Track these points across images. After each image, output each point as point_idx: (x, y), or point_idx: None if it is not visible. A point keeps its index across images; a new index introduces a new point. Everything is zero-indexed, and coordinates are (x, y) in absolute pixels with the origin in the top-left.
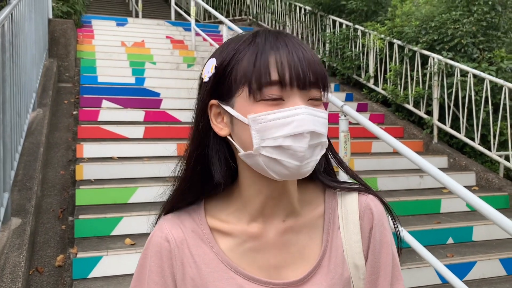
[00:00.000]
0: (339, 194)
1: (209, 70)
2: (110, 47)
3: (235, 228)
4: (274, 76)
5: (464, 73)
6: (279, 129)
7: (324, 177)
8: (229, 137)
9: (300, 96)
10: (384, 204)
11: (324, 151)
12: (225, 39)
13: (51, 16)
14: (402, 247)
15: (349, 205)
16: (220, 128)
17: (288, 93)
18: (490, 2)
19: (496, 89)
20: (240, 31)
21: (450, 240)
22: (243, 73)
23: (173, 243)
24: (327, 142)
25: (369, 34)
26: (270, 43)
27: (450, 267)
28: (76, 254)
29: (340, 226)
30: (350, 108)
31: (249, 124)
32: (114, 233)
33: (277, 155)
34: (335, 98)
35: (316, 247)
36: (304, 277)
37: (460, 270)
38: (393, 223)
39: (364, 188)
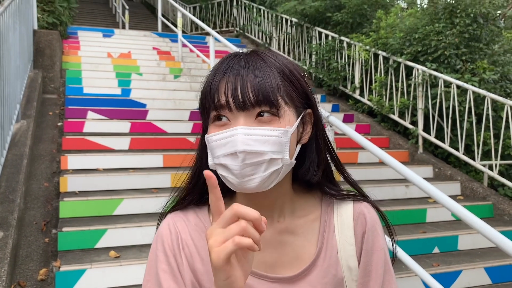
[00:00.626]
0: (335, 201)
1: None
2: (96, 58)
3: None
4: (212, 101)
5: (447, 84)
6: (220, 149)
7: (323, 184)
8: None
9: (245, 116)
10: (380, 211)
11: (278, 166)
12: (212, 50)
13: (36, 27)
14: (393, 257)
15: (344, 210)
16: None
17: (232, 114)
18: (472, 15)
19: (479, 100)
20: (227, 42)
21: (436, 249)
22: (203, 100)
23: (176, 233)
24: (279, 158)
25: (355, 46)
26: (222, 70)
27: (436, 276)
28: (59, 267)
29: (335, 229)
30: (336, 119)
31: (207, 144)
32: (98, 245)
33: (222, 171)
34: (321, 108)
35: (312, 248)
36: (298, 274)
37: (446, 279)
38: (388, 231)
39: (360, 196)
